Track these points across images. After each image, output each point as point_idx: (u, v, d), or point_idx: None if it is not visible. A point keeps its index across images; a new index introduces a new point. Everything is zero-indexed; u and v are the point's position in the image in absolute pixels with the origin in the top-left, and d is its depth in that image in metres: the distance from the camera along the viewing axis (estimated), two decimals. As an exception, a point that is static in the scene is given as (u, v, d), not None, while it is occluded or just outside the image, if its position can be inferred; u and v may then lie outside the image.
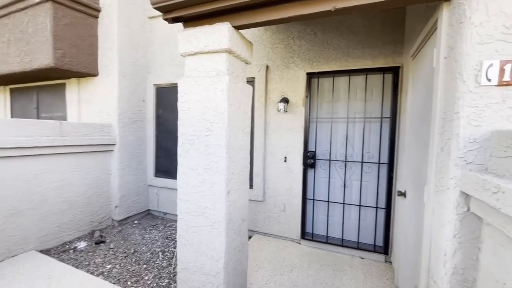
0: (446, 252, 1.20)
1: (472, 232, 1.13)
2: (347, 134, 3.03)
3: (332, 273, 2.67)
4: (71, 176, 3.30)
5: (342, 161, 3.06)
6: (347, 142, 3.04)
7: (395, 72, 2.75)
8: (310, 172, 3.22)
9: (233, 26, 1.88)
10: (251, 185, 3.37)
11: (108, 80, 3.75)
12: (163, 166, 4.23)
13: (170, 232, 3.65)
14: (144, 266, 2.78)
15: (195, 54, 1.99)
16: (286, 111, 3.18)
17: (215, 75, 1.91)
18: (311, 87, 3.17)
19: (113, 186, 3.82)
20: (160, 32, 4.07)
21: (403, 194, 2.21)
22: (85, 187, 3.47)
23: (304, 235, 3.25)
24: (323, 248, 3.13)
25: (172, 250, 3.13)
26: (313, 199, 3.23)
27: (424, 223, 1.50)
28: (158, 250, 3.13)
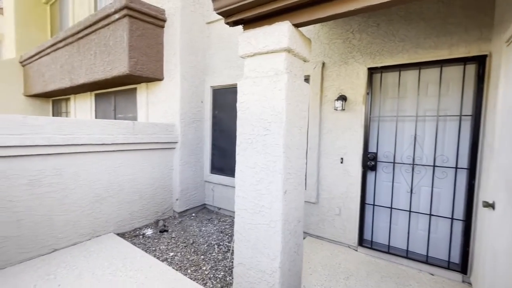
0: None
1: None
2: (415, 134, 2.72)
3: (395, 286, 2.43)
4: (140, 170, 3.72)
5: (409, 164, 2.76)
6: (416, 143, 2.72)
7: (480, 62, 2.35)
8: (370, 175, 2.99)
9: (292, 25, 1.85)
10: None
11: (172, 84, 4.11)
12: (218, 164, 4.45)
13: (224, 227, 3.82)
14: (202, 257, 2.96)
15: (254, 55, 2.02)
16: (344, 109, 3.01)
17: (273, 74, 1.91)
18: (373, 83, 2.93)
19: (174, 180, 4.18)
20: (216, 36, 4.28)
21: (491, 206, 1.87)
22: (151, 180, 3.87)
23: (361, 242, 3.03)
24: (384, 258, 2.88)
25: (226, 244, 3.27)
26: (373, 204, 2.99)
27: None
28: (214, 243, 3.30)
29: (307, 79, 3.30)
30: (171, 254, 3.00)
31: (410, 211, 2.78)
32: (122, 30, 3.77)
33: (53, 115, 7.35)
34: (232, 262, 2.80)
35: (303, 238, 3.36)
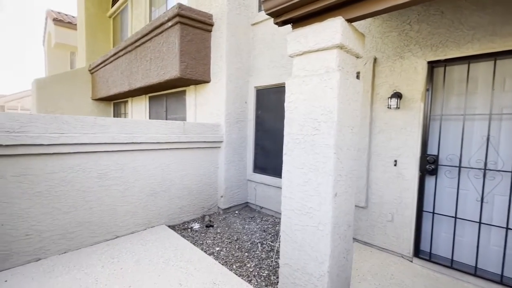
0: None
1: None
2: (488, 135, 2.37)
3: (460, 307, 2.16)
4: (189, 167, 3.95)
5: (480, 169, 2.42)
6: (488, 145, 2.38)
7: None
8: (429, 180, 2.70)
9: (345, 20, 1.77)
10: (351, 188, 3.12)
11: (218, 85, 4.28)
12: (260, 163, 4.50)
13: (266, 226, 3.84)
14: (246, 254, 3.02)
15: (303, 54, 1.98)
16: (399, 108, 2.77)
17: (324, 72, 1.85)
18: (434, 78, 2.64)
19: (219, 178, 4.34)
20: (260, 37, 4.32)
21: None
22: (199, 177, 4.09)
23: (418, 253, 2.76)
24: (445, 272, 2.57)
25: (269, 243, 3.28)
26: (432, 212, 2.70)
27: None
28: (257, 241, 3.34)
29: (357, 76, 3.12)
30: (217, 248, 3.13)
31: (480, 223, 2.44)
32: (174, 36, 4.04)
33: (113, 116, 8.26)
34: (276, 262, 2.79)
35: (350, 244, 3.20)
